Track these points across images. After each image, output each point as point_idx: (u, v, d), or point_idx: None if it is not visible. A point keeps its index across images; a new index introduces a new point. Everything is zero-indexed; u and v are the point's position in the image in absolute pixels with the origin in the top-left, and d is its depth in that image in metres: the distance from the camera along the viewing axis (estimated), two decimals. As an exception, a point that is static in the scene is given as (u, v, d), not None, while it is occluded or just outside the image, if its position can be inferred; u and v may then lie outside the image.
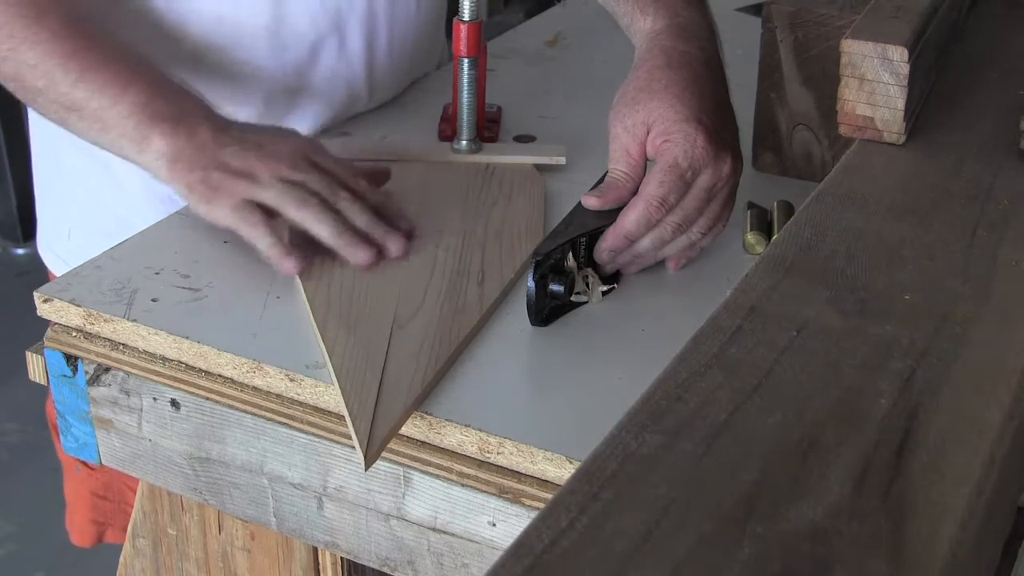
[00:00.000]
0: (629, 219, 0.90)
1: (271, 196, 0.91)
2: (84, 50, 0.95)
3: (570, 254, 0.89)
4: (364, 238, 0.93)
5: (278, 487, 0.86)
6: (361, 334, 0.84)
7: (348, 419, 0.77)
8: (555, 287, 0.87)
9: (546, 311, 0.87)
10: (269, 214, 0.92)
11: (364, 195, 0.95)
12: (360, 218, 0.93)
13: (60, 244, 1.23)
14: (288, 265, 0.91)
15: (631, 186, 0.92)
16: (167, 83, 0.97)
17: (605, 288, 0.91)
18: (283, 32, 1.11)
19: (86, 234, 1.17)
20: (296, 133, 0.99)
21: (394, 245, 0.93)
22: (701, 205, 0.91)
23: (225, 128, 0.95)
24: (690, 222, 0.91)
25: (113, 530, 1.31)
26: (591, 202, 0.92)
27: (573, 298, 0.89)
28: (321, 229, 0.92)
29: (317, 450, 0.83)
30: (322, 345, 0.83)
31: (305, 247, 0.92)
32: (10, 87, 0.99)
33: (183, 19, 1.08)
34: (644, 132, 0.91)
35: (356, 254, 0.92)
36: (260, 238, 0.91)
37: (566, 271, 0.88)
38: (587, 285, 0.90)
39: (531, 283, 0.85)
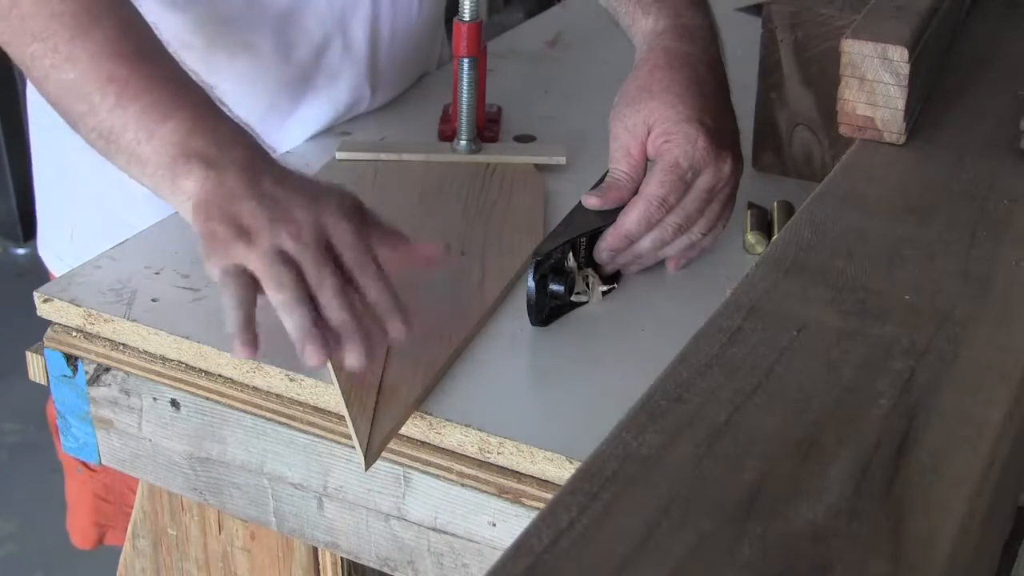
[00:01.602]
0: (629, 219, 0.90)
1: (259, 268, 0.82)
2: (127, 70, 0.87)
3: (570, 254, 0.89)
4: (331, 332, 0.81)
5: (278, 487, 0.86)
6: None
7: (348, 419, 0.77)
8: (555, 287, 0.87)
9: (546, 311, 0.87)
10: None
11: (362, 282, 0.84)
12: (336, 312, 0.81)
13: (62, 245, 1.23)
14: (241, 351, 0.80)
15: (632, 186, 0.92)
16: (210, 112, 0.88)
17: (605, 288, 0.91)
18: (290, 32, 1.11)
19: (89, 235, 1.17)
20: (335, 191, 0.87)
21: (350, 356, 0.80)
22: (701, 206, 0.91)
23: (256, 176, 0.85)
24: (691, 222, 0.91)
25: (114, 532, 1.31)
26: (592, 202, 0.92)
27: (573, 298, 0.89)
28: (287, 319, 0.81)
29: (317, 450, 0.83)
30: None
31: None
32: (58, 111, 0.91)
33: (189, 16, 1.08)
34: (645, 132, 0.91)
35: (308, 354, 0.80)
36: (230, 313, 0.81)
37: (566, 271, 0.88)
38: (587, 285, 0.90)
39: (531, 283, 0.85)
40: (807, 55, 1.06)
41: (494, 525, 0.79)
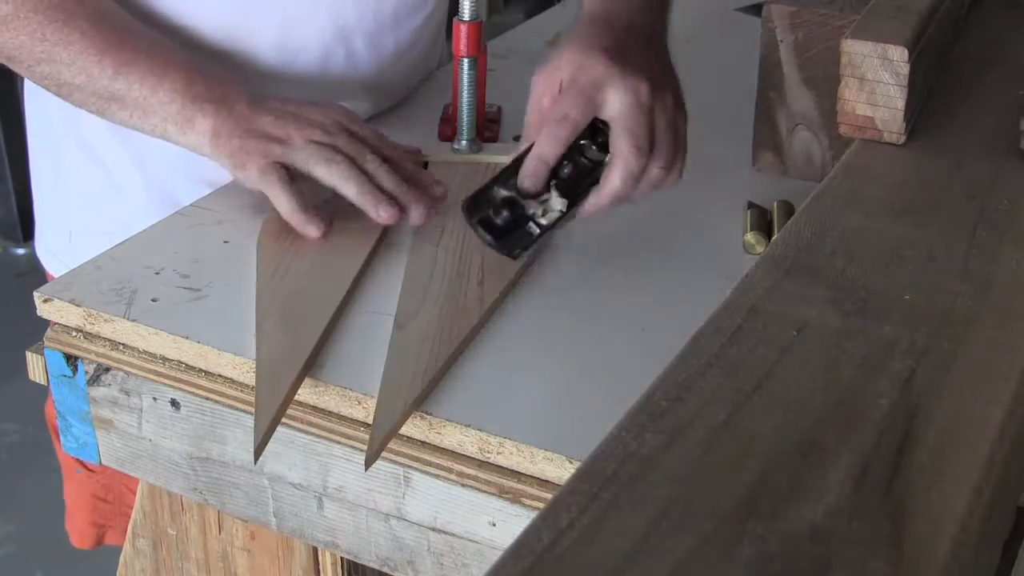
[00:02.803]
0: (539, 141, 0.90)
1: (301, 158, 0.96)
2: (116, 45, 0.99)
3: (496, 188, 0.90)
4: (389, 197, 0.96)
5: (278, 487, 0.86)
6: (292, 331, 0.84)
7: (255, 413, 0.78)
8: (502, 213, 0.89)
9: (510, 238, 0.89)
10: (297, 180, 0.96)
11: (395, 161, 0.99)
12: (387, 179, 0.97)
13: (60, 247, 1.23)
14: (310, 229, 0.94)
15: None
16: (200, 65, 1.01)
17: (561, 205, 0.90)
18: (290, 45, 1.11)
19: (87, 238, 1.17)
20: (332, 103, 1.02)
21: (416, 211, 0.96)
22: (644, 120, 0.89)
23: (262, 100, 0.99)
24: (638, 141, 0.88)
25: (113, 532, 1.31)
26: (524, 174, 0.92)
27: (539, 220, 0.90)
28: (347, 186, 0.95)
29: (317, 450, 0.83)
30: (255, 336, 0.84)
31: (327, 213, 0.96)
32: (45, 83, 1.02)
33: (190, 28, 1.08)
34: (558, 79, 0.91)
35: (379, 212, 0.95)
36: (280, 198, 0.95)
37: (502, 200, 0.90)
38: (540, 208, 0.91)
39: (475, 229, 0.89)
40: (807, 55, 1.06)
41: (494, 525, 0.79)
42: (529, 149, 0.91)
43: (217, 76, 1.00)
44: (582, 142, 0.91)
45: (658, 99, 0.90)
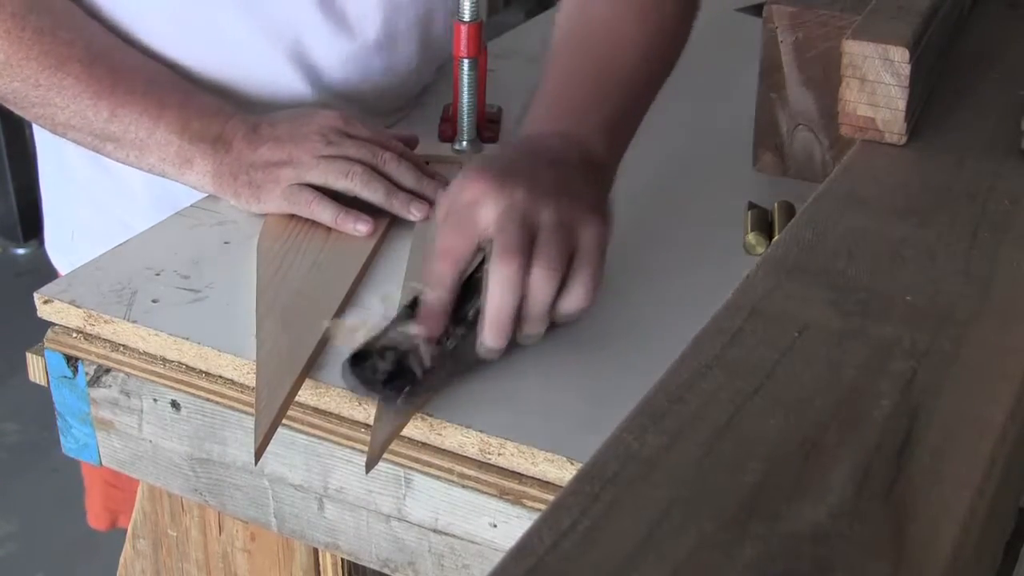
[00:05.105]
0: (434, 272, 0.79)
1: (316, 175, 0.95)
2: (111, 87, 0.99)
3: (389, 335, 0.80)
4: (414, 195, 0.96)
5: (279, 488, 0.86)
6: (293, 331, 0.84)
7: (256, 415, 0.78)
8: (382, 365, 0.77)
9: (393, 386, 0.76)
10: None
11: (404, 153, 0.99)
12: (407, 176, 0.97)
13: (64, 245, 1.23)
14: (361, 227, 0.94)
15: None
16: (195, 99, 1.01)
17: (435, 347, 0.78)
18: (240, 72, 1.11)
19: (89, 236, 1.18)
20: (322, 111, 1.01)
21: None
22: (520, 232, 0.78)
23: (255, 129, 0.98)
24: (512, 247, 0.77)
25: (125, 517, 1.32)
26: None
27: (425, 362, 0.78)
28: (372, 193, 0.95)
29: (318, 451, 0.83)
30: (256, 337, 0.84)
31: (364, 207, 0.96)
32: (42, 123, 1.03)
33: (202, 47, 1.08)
34: (444, 210, 0.83)
35: (412, 211, 0.96)
36: (321, 212, 0.95)
37: (386, 351, 0.78)
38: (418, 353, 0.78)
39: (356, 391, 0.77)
40: (807, 55, 1.06)
41: (495, 526, 0.79)
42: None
43: (211, 108, 1.00)
44: (480, 276, 0.80)
45: (542, 205, 0.79)
